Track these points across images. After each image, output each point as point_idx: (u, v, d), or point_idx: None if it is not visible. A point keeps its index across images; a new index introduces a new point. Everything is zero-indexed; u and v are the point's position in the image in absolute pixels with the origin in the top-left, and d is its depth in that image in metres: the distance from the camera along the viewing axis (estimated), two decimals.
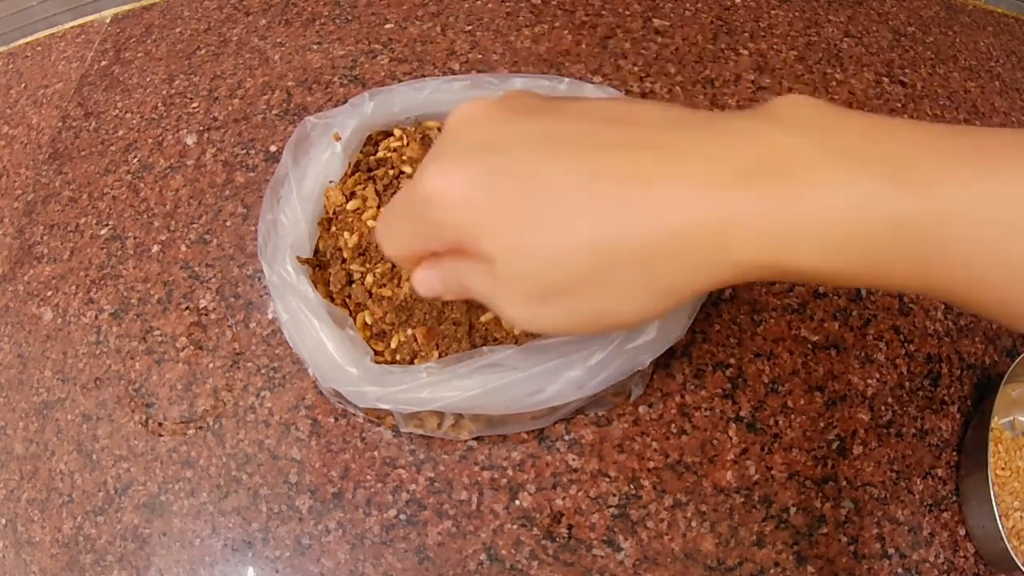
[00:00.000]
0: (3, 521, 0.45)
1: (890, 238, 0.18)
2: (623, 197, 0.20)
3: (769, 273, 0.20)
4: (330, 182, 0.43)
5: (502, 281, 0.23)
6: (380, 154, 0.45)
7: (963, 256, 0.18)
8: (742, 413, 0.43)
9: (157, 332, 0.48)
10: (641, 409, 0.43)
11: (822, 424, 0.43)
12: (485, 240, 0.22)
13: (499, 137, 0.22)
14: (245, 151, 0.54)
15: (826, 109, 0.20)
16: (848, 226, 0.18)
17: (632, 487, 0.41)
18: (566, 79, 0.42)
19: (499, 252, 0.22)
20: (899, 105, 0.56)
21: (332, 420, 0.44)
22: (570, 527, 0.40)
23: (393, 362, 0.38)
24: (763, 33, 0.59)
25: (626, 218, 0.20)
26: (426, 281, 0.28)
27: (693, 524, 0.40)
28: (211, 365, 0.46)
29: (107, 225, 0.53)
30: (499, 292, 0.23)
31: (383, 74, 0.57)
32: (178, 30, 0.64)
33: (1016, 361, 0.42)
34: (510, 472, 0.42)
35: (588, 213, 0.20)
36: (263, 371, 0.46)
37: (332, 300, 0.40)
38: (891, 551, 0.41)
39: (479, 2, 0.61)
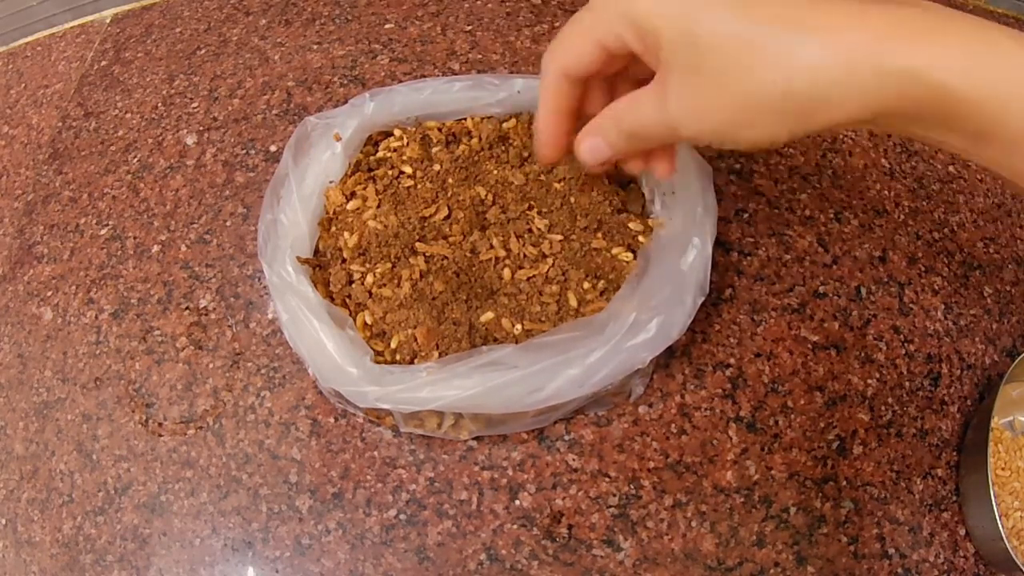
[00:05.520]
0: (3, 521, 0.45)
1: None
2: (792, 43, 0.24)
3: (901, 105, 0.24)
4: (330, 182, 0.43)
5: (675, 113, 0.27)
6: (380, 154, 0.45)
7: None
8: (742, 413, 0.43)
9: (157, 332, 0.48)
10: (641, 409, 0.43)
11: (822, 424, 0.43)
12: (666, 55, 0.25)
13: None
14: (245, 151, 0.54)
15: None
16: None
17: (632, 487, 0.41)
18: None
19: (675, 82, 0.26)
20: None
21: (332, 420, 0.44)
22: (570, 527, 0.40)
23: (393, 362, 0.38)
24: None
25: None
26: (593, 148, 0.31)
27: (693, 524, 0.40)
28: (211, 365, 0.46)
29: (107, 225, 0.53)
30: (672, 113, 0.27)
31: (383, 74, 0.57)
32: (178, 30, 0.64)
33: (1016, 361, 0.42)
34: (510, 472, 0.42)
35: (762, 68, 0.24)
36: (263, 371, 0.46)
37: (332, 300, 0.40)
38: (891, 551, 0.41)
39: (479, 2, 0.61)
